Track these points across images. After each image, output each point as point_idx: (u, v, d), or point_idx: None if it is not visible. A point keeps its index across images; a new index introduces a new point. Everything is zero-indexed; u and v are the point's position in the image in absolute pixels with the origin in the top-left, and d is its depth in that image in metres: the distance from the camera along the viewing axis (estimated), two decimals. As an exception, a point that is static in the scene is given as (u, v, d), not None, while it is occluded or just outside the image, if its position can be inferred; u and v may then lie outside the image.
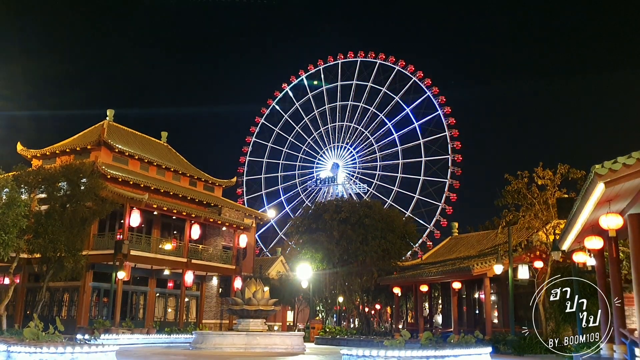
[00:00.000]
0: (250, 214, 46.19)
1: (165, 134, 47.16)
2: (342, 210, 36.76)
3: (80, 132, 40.15)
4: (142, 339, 27.49)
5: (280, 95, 79.45)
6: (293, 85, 79.27)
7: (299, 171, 77.94)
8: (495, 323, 28.09)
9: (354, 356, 13.85)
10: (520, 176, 24.06)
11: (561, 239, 15.93)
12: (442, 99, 67.95)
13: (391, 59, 72.27)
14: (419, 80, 69.44)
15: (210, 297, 40.38)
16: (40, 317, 18.78)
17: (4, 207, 21.85)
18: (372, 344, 25.26)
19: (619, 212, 11.13)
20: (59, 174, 28.01)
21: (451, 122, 66.98)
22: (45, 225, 26.42)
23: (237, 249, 40.33)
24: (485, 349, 15.59)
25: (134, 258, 31.75)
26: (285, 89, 79.37)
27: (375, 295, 38.17)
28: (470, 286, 30.60)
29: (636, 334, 11.23)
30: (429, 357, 13.31)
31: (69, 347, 12.23)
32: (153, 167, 39.90)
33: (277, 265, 50.48)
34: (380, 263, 35.58)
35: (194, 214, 36.04)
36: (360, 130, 75.23)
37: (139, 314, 35.25)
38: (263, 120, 78.92)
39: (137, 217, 32.06)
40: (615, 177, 9.10)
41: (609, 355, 13.19)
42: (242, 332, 22.81)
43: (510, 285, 23.23)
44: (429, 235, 65.32)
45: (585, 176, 21.08)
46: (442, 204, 65.72)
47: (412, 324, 38.73)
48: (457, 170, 65.97)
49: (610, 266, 13.64)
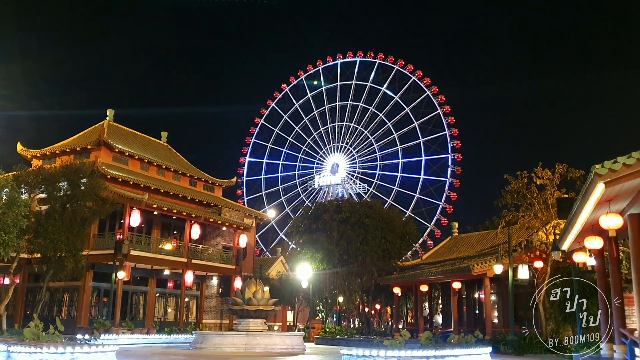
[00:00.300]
0: (250, 214, 46.19)
1: (165, 134, 47.16)
2: (342, 211, 36.79)
3: (80, 132, 40.15)
4: (142, 339, 27.49)
5: (279, 96, 79.45)
6: (292, 86, 79.27)
7: (299, 171, 77.98)
8: (495, 323, 28.09)
9: (354, 356, 13.85)
10: (520, 176, 24.07)
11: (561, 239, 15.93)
12: (442, 98, 67.97)
13: (390, 58, 72.32)
14: (419, 80, 69.45)
15: (210, 297, 40.37)
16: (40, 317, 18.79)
17: (4, 207, 21.86)
18: (372, 344, 25.26)
19: (619, 212, 11.13)
20: (59, 174, 28.01)
21: (451, 121, 67.03)
22: (46, 225, 26.43)
23: (237, 249, 40.33)
24: (485, 349, 15.59)
25: (134, 258, 31.74)
26: (285, 89, 79.32)
27: (375, 295, 38.18)
28: (470, 286, 30.60)
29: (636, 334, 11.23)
30: (429, 357, 13.30)
31: (69, 347, 12.23)
32: (153, 167, 39.89)
33: (277, 265, 50.48)
34: (380, 263, 35.59)
35: (194, 214, 36.03)
36: (360, 130, 75.24)
37: (139, 314, 35.24)
38: (263, 120, 78.89)
39: (137, 217, 32.06)
40: (615, 177, 9.10)
41: (609, 355, 13.18)
42: (242, 332, 22.80)
43: (510, 285, 23.22)
44: (429, 234, 65.42)
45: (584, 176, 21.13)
46: (443, 202, 65.78)
47: (412, 324, 38.73)
48: (457, 169, 66.05)
49: (610, 266, 13.63)
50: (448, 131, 66.89)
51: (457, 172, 66.02)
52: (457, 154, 66.30)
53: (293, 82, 79.12)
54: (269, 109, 79.21)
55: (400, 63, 71.23)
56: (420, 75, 69.45)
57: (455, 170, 66.03)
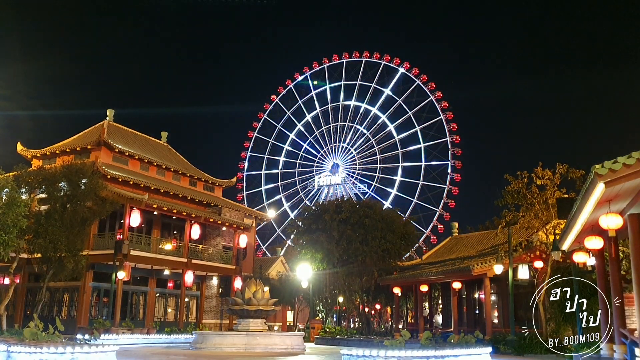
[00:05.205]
0: (250, 214, 46.21)
1: (165, 134, 47.16)
2: (342, 211, 36.78)
3: (80, 132, 40.16)
4: (142, 339, 27.47)
5: (284, 91, 79.34)
6: (297, 83, 79.16)
7: (299, 169, 77.96)
8: (495, 323, 28.08)
9: (354, 356, 13.85)
10: (520, 176, 24.07)
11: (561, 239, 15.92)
12: (445, 104, 67.72)
13: (396, 60, 72.00)
14: (423, 84, 69.26)
15: (210, 297, 40.37)
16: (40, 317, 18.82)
17: (4, 207, 21.84)
18: (372, 344, 25.26)
19: (619, 212, 11.12)
20: (59, 174, 27.99)
21: (453, 128, 66.82)
22: (46, 225, 26.40)
23: (237, 249, 40.33)
24: (485, 349, 15.59)
25: (134, 258, 31.74)
26: (289, 85, 79.23)
27: (375, 295, 38.17)
28: (470, 286, 30.59)
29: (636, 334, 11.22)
30: (429, 357, 13.30)
31: (69, 347, 12.22)
32: (153, 167, 39.89)
33: (277, 265, 50.48)
34: (380, 263, 35.58)
35: (194, 214, 36.03)
36: (361, 131, 75.19)
37: (139, 314, 35.24)
38: (266, 115, 78.86)
39: (137, 217, 32.05)
40: (615, 177, 9.09)
41: (609, 355, 13.18)
42: (242, 332, 22.80)
43: (510, 285, 23.21)
44: (425, 241, 65.01)
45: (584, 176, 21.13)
46: (440, 209, 65.67)
47: (412, 324, 38.74)
48: (457, 176, 65.93)
49: (610, 266, 13.62)
50: (449, 138, 66.75)
51: (456, 180, 66.01)
52: (457, 162, 66.21)
53: (298, 78, 79.05)
54: (273, 105, 79.20)
55: (405, 66, 71.10)
56: (425, 79, 69.33)
57: (455, 177, 65.95)
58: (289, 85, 79.20)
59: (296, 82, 79.14)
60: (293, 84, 79.18)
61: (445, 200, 65.72)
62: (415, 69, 70.34)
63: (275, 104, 79.14)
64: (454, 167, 66.11)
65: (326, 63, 77.81)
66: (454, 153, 66.37)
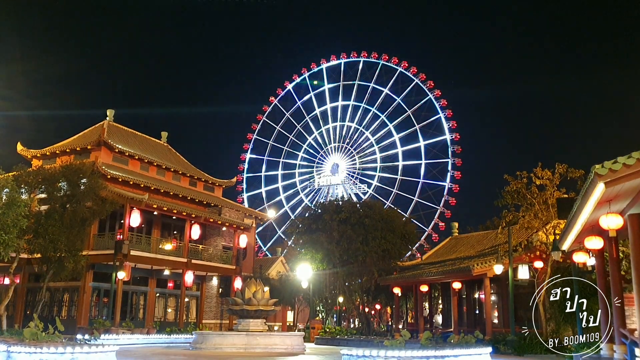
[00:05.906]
0: (250, 214, 46.20)
1: (165, 134, 47.14)
2: (343, 211, 36.78)
3: (80, 132, 40.15)
4: (142, 339, 27.45)
5: (282, 93, 79.15)
6: (295, 84, 78.96)
7: (299, 170, 77.86)
8: (495, 323, 28.08)
9: (354, 356, 13.83)
10: (520, 176, 24.07)
11: (561, 239, 15.91)
12: (444, 102, 67.74)
13: (394, 60, 71.84)
14: (422, 83, 69.21)
15: (210, 297, 40.36)
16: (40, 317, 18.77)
17: (4, 207, 21.82)
18: (372, 344, 25.25)
19: (619, 212, 11.11)
20: (59, 174, 28.00)
21: (452, 126, 66.76)
22: (46, 226, 26.41)
23: (237, 249, 40.33)
24: (485, 349, 15.58)
25: (134, 258, 31.73)
26: (288, 86, 79.10)
27: (375, 295, 38.17)
28: (471, 286, 30.59)
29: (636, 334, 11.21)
30: (429, 357, 13.29)
31: (69, 347, 12.21)
32: (153, 167, 39.89)
33: (277, 265, 50.46)
34: (380, 263, 35.58)
35: (194, 214, 36.03)
36: (361, 130, 75.09)
37: (139, 314, 35.23)
38: (265, 117, 78.73)
39: (137, 217, 32.05)
40: (615, 177, 9.08)
41: (609, 356, 13.17)
42: (242, 332, 22.80)
43: (510, 285, 23.21)
44: (427, 239, 65.08)
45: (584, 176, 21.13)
46: (441, 207, 65.61)
47: (412, 324, 38.75)
48: (457, 174, 65.89)
49: (610, 266, 13.62)
50: (449, 136, 66.71)
51: (457, 177, 65.95)
52: (457, 159, 66.16)
53: (296, 79, 78.87)
54: (271, 106, 79.01)
55: (404, 65, 70.92)
56: (424, 78, 69.24)
57: (455, 175, 65.94)
58: (287, 87, 79.10)
59: (294, 83, 79.08)
60: (291, 85, 79.06)
61: (446, 198, 65.64)
62: (414, 67, 70.24)
63: (274, 105, 79.06)
64: (454, 164, 66.12)
65: (324, 64, 77.72)
66: (454, 151, 66.42)
